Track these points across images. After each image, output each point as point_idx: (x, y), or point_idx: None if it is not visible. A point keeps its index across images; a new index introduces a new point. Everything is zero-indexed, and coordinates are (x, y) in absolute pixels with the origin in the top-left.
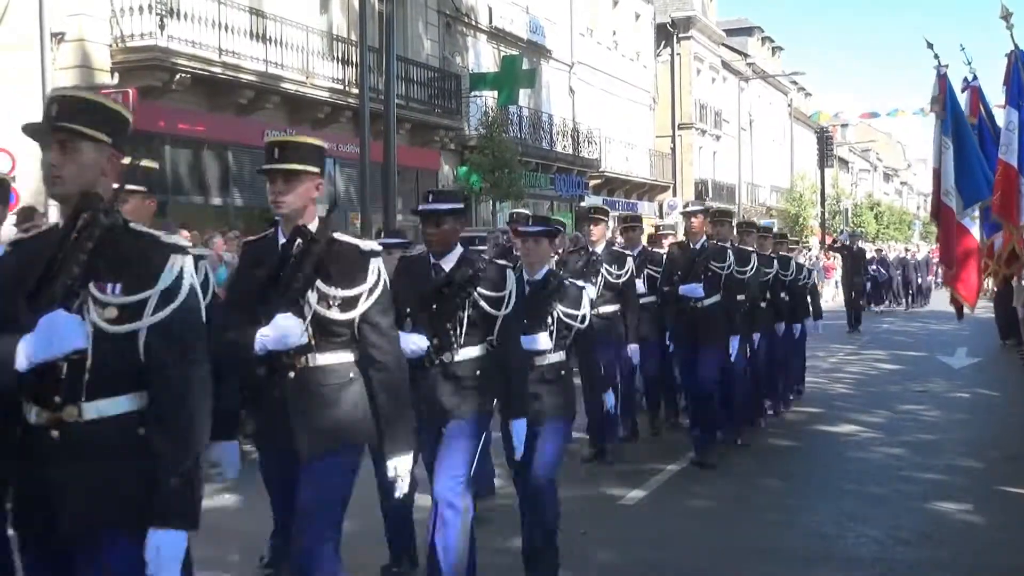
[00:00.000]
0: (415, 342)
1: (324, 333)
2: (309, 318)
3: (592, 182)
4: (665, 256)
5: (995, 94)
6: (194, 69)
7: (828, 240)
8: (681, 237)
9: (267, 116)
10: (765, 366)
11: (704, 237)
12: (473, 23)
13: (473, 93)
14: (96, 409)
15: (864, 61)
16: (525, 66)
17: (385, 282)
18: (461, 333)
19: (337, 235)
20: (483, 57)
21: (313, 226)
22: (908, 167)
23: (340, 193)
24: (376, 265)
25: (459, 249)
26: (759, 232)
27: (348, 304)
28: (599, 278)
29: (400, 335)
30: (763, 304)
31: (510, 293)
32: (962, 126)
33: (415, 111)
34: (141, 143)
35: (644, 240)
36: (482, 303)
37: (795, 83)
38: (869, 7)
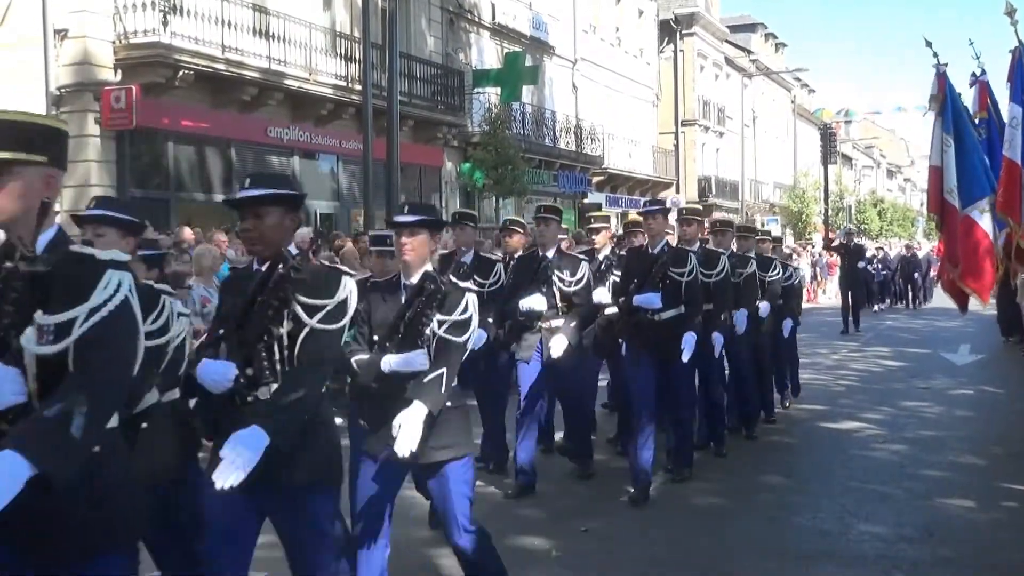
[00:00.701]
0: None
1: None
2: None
3: (595, 179)
4: (622, 262)
5: (999, 91)
6: (197, 66)
7: (831, 236)
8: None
9: (270, 113)
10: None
11: (664, 240)
12: (476, 20)
13: (476, 90)
14: None
15: (868, 57)
16: (528, 63)
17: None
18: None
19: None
20: (486, 54)
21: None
22: (912, 164)
23: (344, 190)
24: None
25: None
26: (738, 232)
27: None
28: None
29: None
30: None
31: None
32: (963, 124)
33: (418, 108)
34: (145, 140)
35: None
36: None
37: (798, 80)
38: (873, 3)
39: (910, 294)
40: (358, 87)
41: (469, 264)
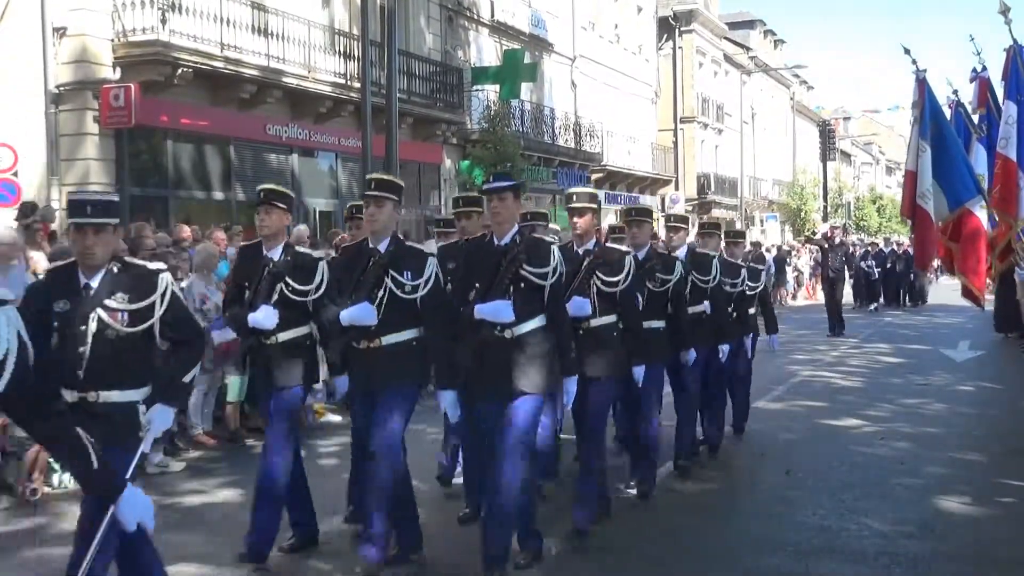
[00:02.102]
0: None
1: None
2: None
3: (594, 176)
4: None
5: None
6: (196, 64)
7: (813, 229)
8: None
9: (269, 110)
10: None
11: (593, 240)
12: (475, 17)
13: (475, 87)
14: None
15: (867, 54)
16: (527, 60)
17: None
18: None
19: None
20: (485, 51)
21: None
22: None
23: (343, 188)
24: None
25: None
26: (671, 223)
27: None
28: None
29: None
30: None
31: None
32: (944, 128)
33: (417, 105)
34: (144, 138)
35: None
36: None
37: (797, 76)
38: (872, 0)
39: (903, 294)
40: (357, 85)
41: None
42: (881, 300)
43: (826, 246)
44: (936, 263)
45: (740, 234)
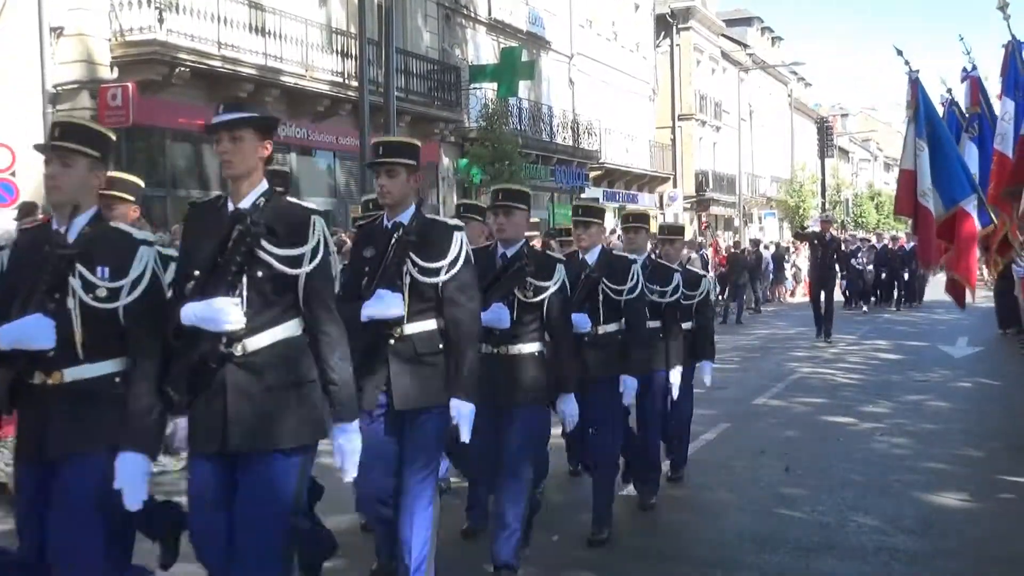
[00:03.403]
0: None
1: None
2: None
3: (592, 174)
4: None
5: (992, 86)
6: (193, 63)
7: (804, 224)
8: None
9: (267, 110)
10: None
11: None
12: (472, 15)
13: (473, 85)
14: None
15: (865, 51)
16: (525, 58)
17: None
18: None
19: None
20: (483, 49)
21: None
22: None
23: (341, 186)
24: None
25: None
26: (628, 222)
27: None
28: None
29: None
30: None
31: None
32: (938, 128)
33: (415, 104)
34: (142, 138)
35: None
36: None
37: (795, 73)
38: None
39: (895, 293)
40: (355, 83)
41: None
42: (873, 300)
43: (816, 242)
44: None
45: (676, 230)
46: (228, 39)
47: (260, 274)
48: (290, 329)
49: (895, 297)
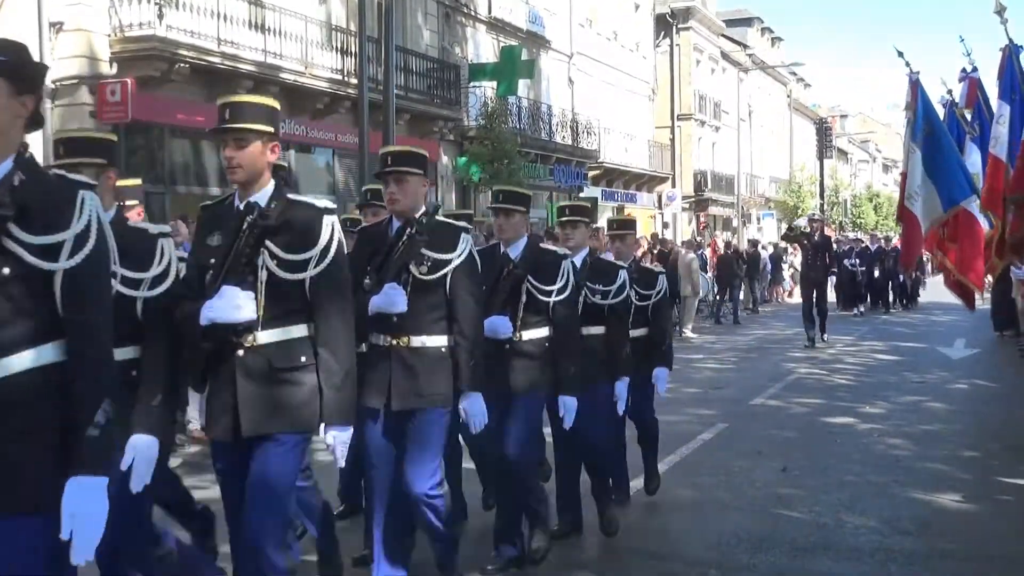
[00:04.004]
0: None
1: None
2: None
3: (591, 173)
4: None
5: (991, 88)
6: (193, 59)
7: (792, 225)
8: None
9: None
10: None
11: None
12: (472, 14)
13: (472, 84)
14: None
15: (864, 52)
16: (524, 57)
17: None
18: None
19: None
20: (482, 48)
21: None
22: None
23: (339, 184)
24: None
25: None
26: (564, 216)
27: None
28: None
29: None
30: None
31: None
32: (937, 129)
33: (414, 102)
34: (140, 134)
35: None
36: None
37: (794, 74)
38: None
39: (889, 295)
40: (354, 81)
41: None
42: (868, 302)
43: (806, 243)
44: (926, 259)
45: (626, 224)
46: (227, 36)
47: (266, 275)
48: (301, 329)
49: (889, 300)
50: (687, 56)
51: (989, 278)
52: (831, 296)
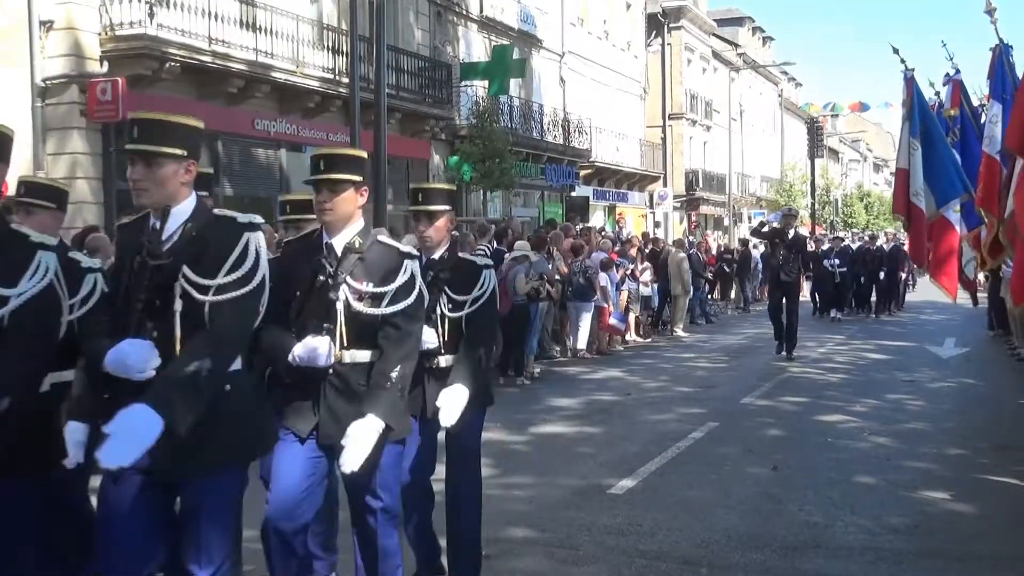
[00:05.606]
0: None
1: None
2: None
3: (582, 172)
4: None
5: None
6: (184, 58)
7: (761, 220)
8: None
9: (257, 105)
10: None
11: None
12: (464, 13)
13: (464, 83)
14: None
15: (855, 51)
16: (516, 56)
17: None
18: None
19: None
20: (474, 47)
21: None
22: None
23: None
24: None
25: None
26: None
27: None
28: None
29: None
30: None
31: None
32: (932, 127)
33: (406, 101)
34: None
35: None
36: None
37: (786, 73)
38: None
39: (874, 298)
40: (345, 80)
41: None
42: (852, 306)
43: (777, 240)
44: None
45: (433, 194)
46: (218, 34)
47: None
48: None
49: (872, 303)
50: (678, 55)
51: (983, 276)
52: (805, 304)
